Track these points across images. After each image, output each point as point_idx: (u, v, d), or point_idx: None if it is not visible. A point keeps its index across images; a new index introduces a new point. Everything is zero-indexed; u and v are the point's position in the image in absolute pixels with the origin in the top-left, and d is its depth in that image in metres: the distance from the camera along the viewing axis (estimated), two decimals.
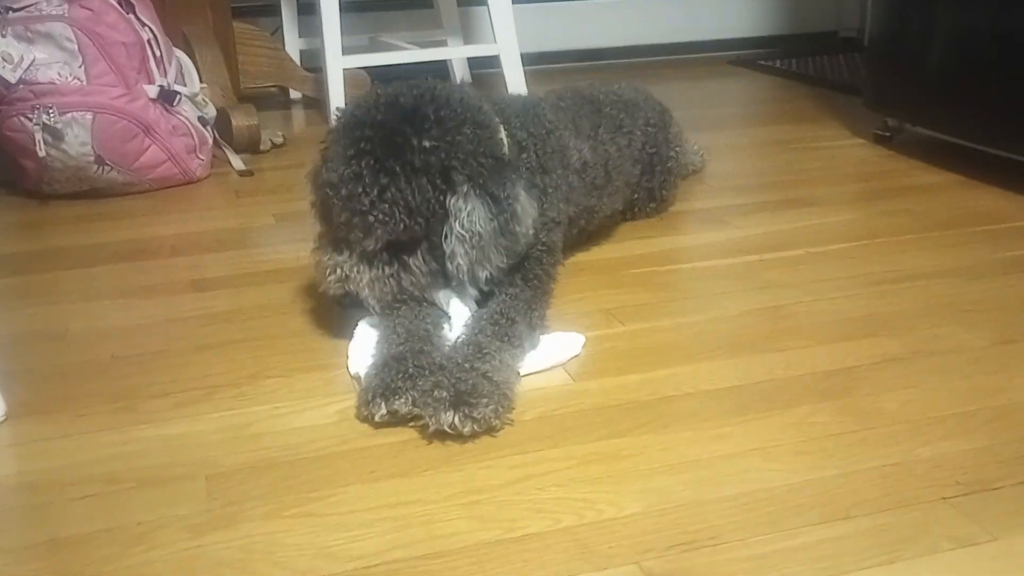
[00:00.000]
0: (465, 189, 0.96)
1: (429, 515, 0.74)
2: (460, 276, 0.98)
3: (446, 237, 0.96)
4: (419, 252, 0.98)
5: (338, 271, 0.99)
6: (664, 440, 0.84)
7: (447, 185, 0.96)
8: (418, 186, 0.94)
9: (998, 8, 1.52)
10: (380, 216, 0.94)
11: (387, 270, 0.98)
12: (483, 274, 0.98)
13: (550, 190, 1.09)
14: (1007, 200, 1.50)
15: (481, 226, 0.96)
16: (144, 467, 0.81)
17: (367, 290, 0.98)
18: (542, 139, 1.11)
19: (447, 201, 0.96)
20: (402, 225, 0.95)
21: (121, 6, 1.57)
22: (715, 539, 0.71)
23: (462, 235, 0.96)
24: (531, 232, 1.01)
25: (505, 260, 0.99)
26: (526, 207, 1.00)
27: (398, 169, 0.93)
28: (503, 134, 1.03)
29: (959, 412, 0.88)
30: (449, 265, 0.97)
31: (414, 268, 0.99)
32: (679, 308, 1.13)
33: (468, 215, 0.95)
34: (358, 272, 0.98)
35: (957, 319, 1.08)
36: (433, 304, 1.01)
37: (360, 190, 0.93)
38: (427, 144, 0.95)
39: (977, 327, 1.05)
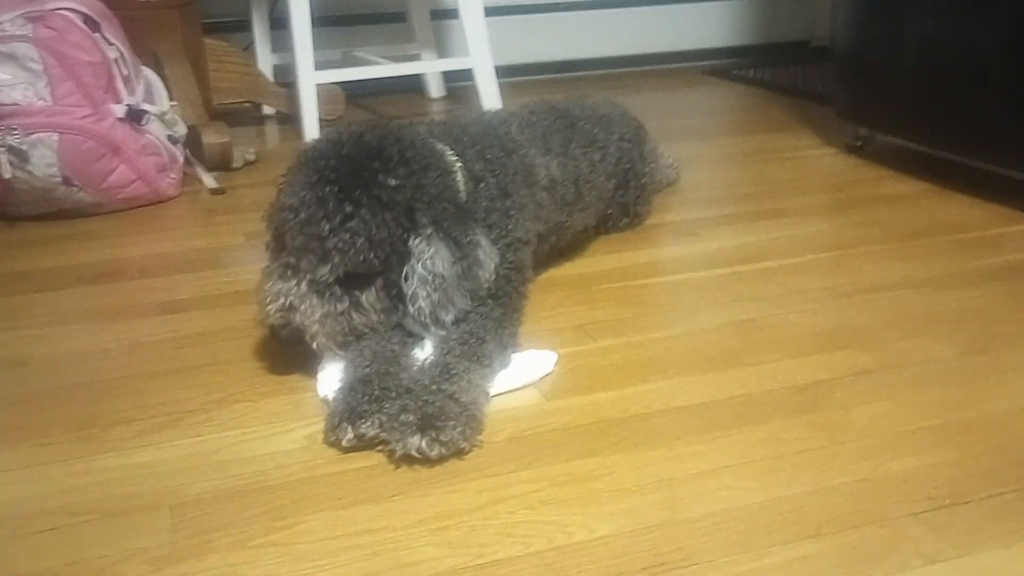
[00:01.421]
0: (429, 232, 0.95)
1: (397, 542, 0.73)
2: (422, 318, 0.96)
3: (407, 278, 0.95)
4: (374, 288, 0.96)
5: (282, 300, 0.94)
6: (635, 459, 0.84)
7: (410, 224, 0.95)
8: (382, 220, 0.93)
9: (966, 18, 1.53)
10: (339, 244, 0.92)
11: (339, 306, 0.95)
12: (447, 317, 0.97)
13: (513, 212, 1.08)
14: (977, 209, 1.51)
15: (444, 268, 0.95)
16: (107, 498, 0.79)
17: (317, 326, 0.94)
18: (502, 162, 1.10)
19: (409, 242, 0.95)
20: (361, 257, 0.92)
21: (87, 25, 1.55)
22: (686, 560, 0.70)
23: (424, 276, 0.95)
24: (492, 278, 1.00)
25: (469, 303, 0.98)
26: (488, 253, 1.00)
27: (364, 200, 0.92)
28: (460, 177, 1.03)
29: (929, 425, 0.88)
30: (411, 307, 0.95)
31: (367, 306, 0.96)
32: (651, 323, 1.13)
33: (431, 257, 0.95)
34: (308, 305, 0.94)
35: (927, 330, 1.08)
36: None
37: (321, 214, 0.92)
38: (393, 182, 0.94)
39: (947, 338, 1.06)
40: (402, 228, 0.94)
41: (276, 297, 0.95)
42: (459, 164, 1.04)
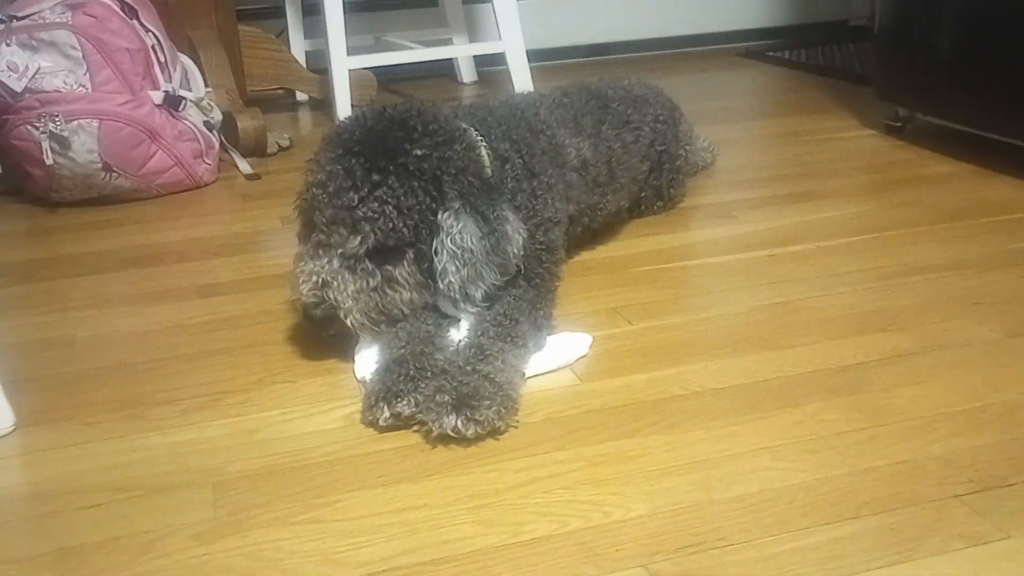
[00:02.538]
0: (456, 206, 0.95)
1: (435, 520, 0.74)
2: (452, 293, 0.96)
3: (437, 253, 0.95)
4: (405, 262, 0.96)
5: (315, 278, 0.94)
6: (671, 440, 0.83)
7: (438, 195, 0.95)
8: (410, 188, 0.93)
9: None
10: (369, 214, 0.92)
11: (371, 282, 0.95)
12: (477, 292, 0.97)
13: (540, 191, 1.08)
14: (1020, 190, 1.48)
15: (473, 243, 0.95)
16: (151, 475, 0.81)
17: (351, 302, 0.94)
18: (528, 143, 1.10)
19: (439, 216, 0.95)
20: (391, 225, 0.92)
21: (124, 12, 1.57)
22: (723, 540, 0.70)
23: (454, 251, 0.95)
24: (521, 253, 1.00)
25: (499, 277, 0.98)
26: (516, 228, 1.00)
27: (391, 168, 0.93)
28: (485, 154, 1.03)
29: (970, 407, 0.87)
30: (440, 283, 0.96)
31: (400, 280, 0.96)
32: (687, 305, 1.12)
33: (460, 232, 0.95)
34: (341, 281, 0.94)
35: (968, 312, 1.06)
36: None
37: (349, 185, 0.92)
38: (419, 152, 0.94)
39: (989, 320, 1.04)
40: (430, 197, 0.94)
41: (308, 276, 0.95)
42: (483, 143, 1.04)
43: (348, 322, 0.95)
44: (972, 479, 0.76)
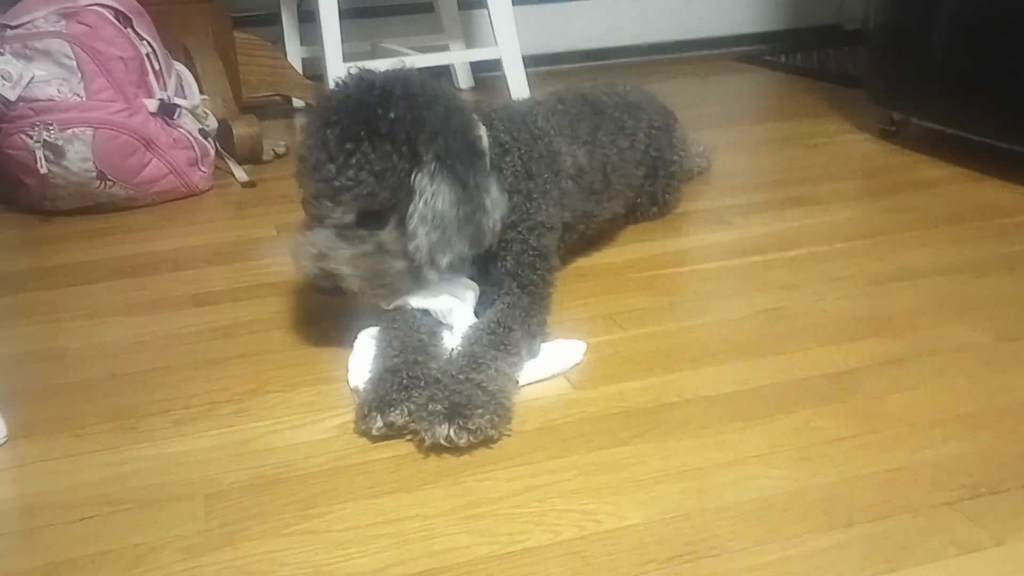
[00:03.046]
0: (432, 168, 0.95)
1: (428, 530, 0.74)
2: (418, 258, 0.96)
3: (410, 217, 0.95)
4: (390, 227, 0.96)
5: (312, 249, 0.97)
6: (665, 448, 0.83)
7: (413, 157, 0.94)
8: (382, 152, 0.93)
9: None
10: (345, 182, 0.93)
11: (364, 247, 0.96)
12: (443, 259, 0.97)
13: (536, 195, 1.08)
14: (1014, 194, 1.49)
15: (445, 208, 0.95)
16: (142, 487, 0.81)
17: (348, 268, 0.96)
18: (528, 144, 1.10)
19: (413, 178, 0.95)
20: (367, 191, 0.93)
21: (119, 20, 1.57)
22: (716, 549, 0.70)
23: (424, 215, 0.95)
24: (498, 228, 1.00)
25: (468, 249, 0.98)
26: (496, 201, 0.99)
27: (363, 134, 0.93)
28: (482, 131, 1.03)
29: (963, 413, 0.87)
30: (408, 246, 0.96)
31: (388, 246, 0.96)
32: (681, 312, 1.12)
33: (433, 195, 0.94)
34: (335, 250, 0.96)
35: (961, 317, 1.06)
36: (426, 312, 1.00)
37: (325, 157, 0.93)
38: (392, 115, 0.94)
39: (982, 325, 1.04)
40: (405, 160, 0.94)
41: (307, 248, 0.97)
42: (485, 130, 1.04)
43: (349, 287, 0.97)
44: (965, 485, 0.76)
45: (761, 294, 1.15)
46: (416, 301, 0.99)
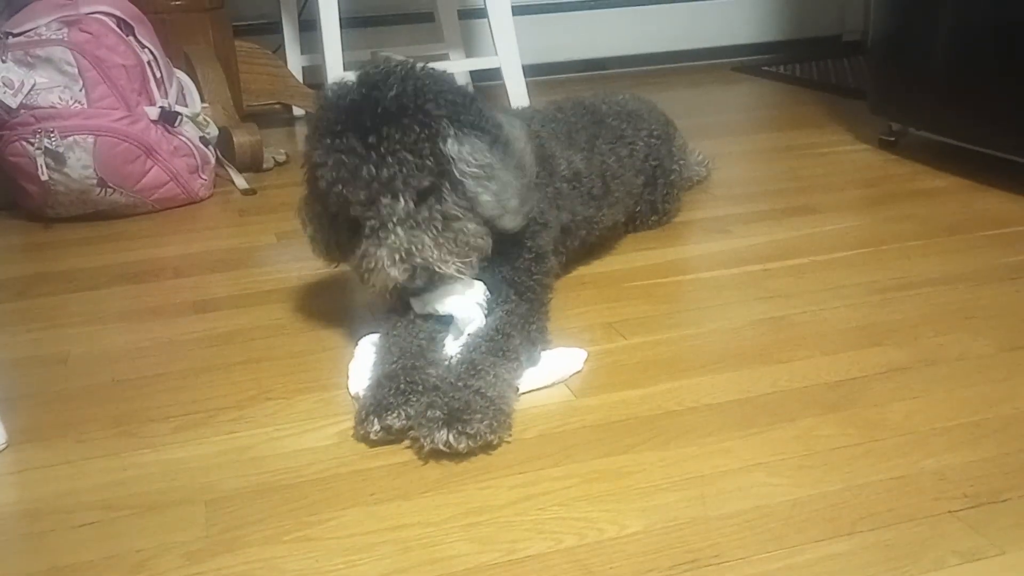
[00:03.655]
0: (452, 131, 0.95)
1: (429, 538, 0.73)
2: (493, 212, 0.97)
3: (463, 183, 0.95)
4: (445, 194, 0.96)
5: (395, 256, 0.94)
6: (666, 456, 0.83)
7: (429, 121, 0.94)
8: (403, 127, 0.93)
9: (1002, 8, 1.51)
10: (390, 170, 0.92)
11: (439, 226, 0.95)
12: (514, 200, 0.98)
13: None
14: (1014, 203, 1.49)
15: (486, 157, 0.96)
16: (144, 493, 0.81)
17: (437, 252, 0.95)
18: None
19: (443, 147, 0.95)
20: (413, 167, 0.93)
21: (120, 28, 1.58)
22: (718, 557, 0.70)
23: (475, 172, 0.95)
24: (529, 147, 1.01)
25: (525, 178, 0.99)
26: (512, 124, 1.00)
27: (377, 122, 0.93)
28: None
29: (965, 422, 0.87)
30: (478, 208, 0.96)
31: (453, 212, 0.96)
32: (682, 320, 1.12)
33: (470, 152, 0.95)
34: (418, 241, 0.94)
35: (963, 326, 1.06)
36: (432, 319, 1.00)
37: (358, 161, 0.93)
38: (392, 93, 0.94)
39: (983, 334, 1.04)
40: (425, 128, 0.94)
41: (389, 257, 0.95)
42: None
43: (447, 271, 0.95)
44: (967, 494, 0.76)
45: (762, 303, 1.16)
46: (442, 307, 0.99)
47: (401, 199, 0.94)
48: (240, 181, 1.77)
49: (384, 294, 0.99)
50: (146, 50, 1.62)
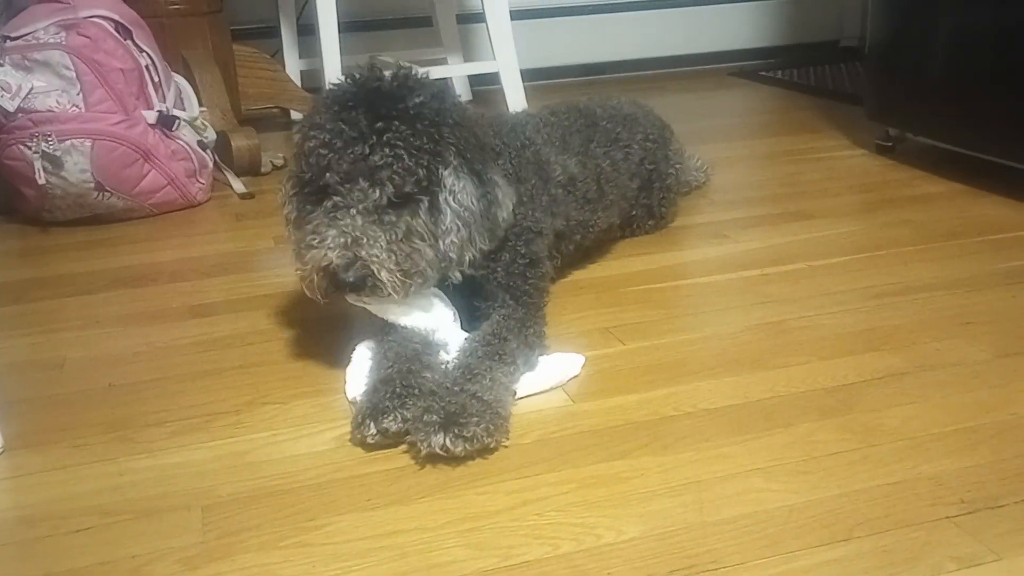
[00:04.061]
0: (455, 163, 0.95)
1: (426, 543, 0.73)
2: (451, 253, 0.96)
3: (442, 211, 0.95)
4: (420, 212, 0.94)
5: (343, 238, 0.90)
6: (664, 461, 0.83)
7: (440, 140, 0.94)
8: (415, 130, 0.93)
9: (998, 15, 1.51)
10: (384, 160, 0.90)
11: (398, 233, 0.92)
12: (467, 256, 0.97)
13: (524, 199, 1.08)
14: (1010, 209, 1.49)
15: (472, 204, 0.95)
16: (140, 498, 0.80)
17: (385, 254, 0.90)
18: (517, 150, 1.11)
19: (440, 171, 0.94)
20: (406, 167, 0.91)
21: (119, 32, 1.57)
22: (715, 563, 0.70)
23: (458, 210, 0.95)
24: (510, 219, 1.00)
25: (487, 243, 0.98)
26: (506, 192, 1.00)
27: (393, 113, 0.92)
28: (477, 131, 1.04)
29: (962, 427, 0.87)
30: (443, 242, 0.95)
31: (418, 231, 0.93)
32: (679, 325, 1.12)
33: (461, 191, 0.95)
34: (371, 236, 0.91)
35: (960, 332, 1.06)
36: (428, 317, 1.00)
37: (357, 135, 0.91)
38: (418, 99, 0.94)
39: (980, 340, 1.04)
40: (433, 142, 0.94)
41: (335, 240, 0.91)
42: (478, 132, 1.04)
43: (383, 277, 0.91)
44: (964, 500, 0.76)
45: (760, 308, 1.16)
46: (403, 320, 0.98)
47: (378, 190, 0.92)
48: (238, 185, 1.77)
49: (311, 279, 0.93)
50: (144, 54, 1.62)
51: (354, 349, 1.01)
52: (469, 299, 1.04)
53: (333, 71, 2.02)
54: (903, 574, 0.68)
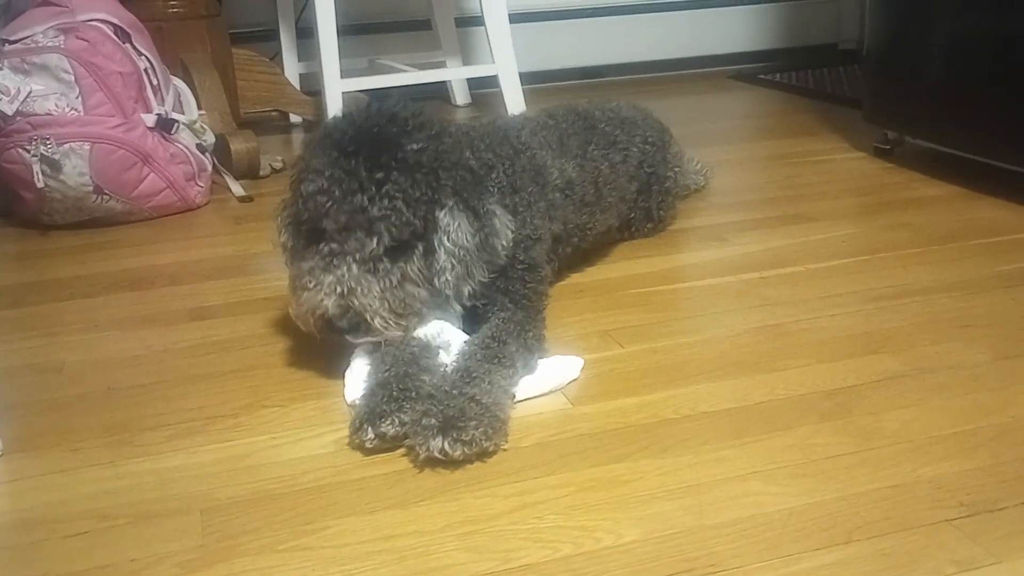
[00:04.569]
0: (451, 203, 0.96)
1: (425, 547, 0.73)
2: (447, 291, 0.97)
3: (436, 251, 0.96)
4: (415, 258, 0.96)
5: (338, 288, 0.93)
6: (663, 464, 0.83)
7: (437, 187, 0.95)
8: (414, 180, 0.93)
9: (996, 18, 1.51)
10: (381, 212, 0.91)
11: (392, 280, 0.94)
12: (466, 289, 0.98)
13: (521, 208, 1.08)
14: (1008, 212, 1.49)
15: (467, 241, 0.96)
16: (138, 502, 0.80)
17: (378, 303, 0.93)
18: (510, 159, 1.11)
19: (436, 213, 0.96)
20: (403, 219, 0.92)
21: (117, 36, 1.58)
22: (714, 566, 0.70)
23: (451, 250, 0.96)
24: (509, 246, 1.01)
25: (486, 274, 0.99)
26: (503, 222, 1.01)
27: (392, 164, 0.93)
28: (469, 155, 1.04)
29: (961, 431, 0.87)
30: (437, 281, 0.97)
31: (412, 276, 0.96)
32: (678, 328, 1.12)
33: (456, 230, 0.96)
34: (365, 285, 0.93)
35: (958, 335, 1.07)
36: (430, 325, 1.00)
37: (356, 186, 0.92)
38: (415, 146, 0.95)
39: (979, 342, 1.04)
40: (431, 190, 0.95)
41: (331, 288, 0.93)
42: (469, 152, 1.05)
43: (376, 324, 0.93)
44: (963, 503, 0.76)
45: (759, 311, 1.16)
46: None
47: (375, 240, 0.93)
48: (236, 188, 1.77)
49: (306, 321, 0.96)
50: (143, 57, 1.62)
51: (353, 353, 1.01)
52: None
53: (332, 74, 2.02)
54: None
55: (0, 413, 0.92)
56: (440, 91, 2.64)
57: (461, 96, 2.62)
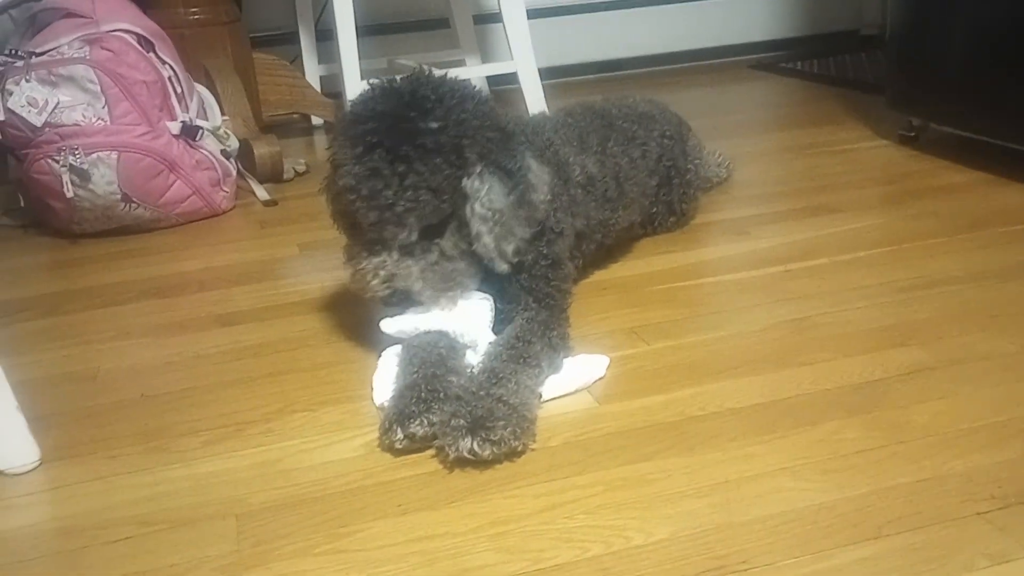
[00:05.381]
0: (479, 168, 0.98)
1: (457, 548, 0.74)
2: (488, 254, 0.99)
3: (469, 220, 0.98)
4: (448, 233, 0.99)
5: (381, 273, 0.99)
6: (691, 462, 0.83)
7: (461, 162, 0.97)
8: (435, 166, 0.95)
9: (1020, 1, 1.49)
10: (407, 204, 0.94)
11: (431, 258, 0.99)
12: (509, 247, 1.00)
13: None
14: None
15: (500, 202, 0.98)
16: (175, 508, 0.82)
17: (419, 283, 0.98)
18: (540, 150, 1.12)
19: (463, 182, 0.97)
20: (430, 208, 0.96)
21: (141, 45, 1.59)
22: (745, 563, 0.70)
23: (484, 215, 0.98)
24: (548, 197, 1.03)
25: (528, 230, 1.01)
26: (539, 174, 1.02)
27: (412, 154, 0.94)
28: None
29: (991, 422, 0.86)
30: (476, 245, 0.99)
31: (448, 251, 1.00)
32: (703, 324, 1.12)
33: (486, 194, 0.97)
34: (405, 268, 0.98)
35: (988, 324, 1.06)
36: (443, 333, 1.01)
37: (381, 185, 0.94)
38: (434, 125, 0.96)
39: (1009, 332, 1.03)
40: (456, 168, 0.97)
41: (375, 272, 0.99)
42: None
43: (423, 299, 0.99)
44: (995, 496, 0.76)
45: (784, 305, 1.15)
46: (429, 324, 1.00)
47: (406, 232, 0.97)
48: (261, 192, 1.79)
49: (362, 293, 1.03)
50: (166, 66, 1.64)
51: (380, 355, 1.03)
52: (493, 301, 1.05)
53: (352, 75, 2.03)
54: (934, 571, 0.68)
55: (38, 422, 0.93)
56: None
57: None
